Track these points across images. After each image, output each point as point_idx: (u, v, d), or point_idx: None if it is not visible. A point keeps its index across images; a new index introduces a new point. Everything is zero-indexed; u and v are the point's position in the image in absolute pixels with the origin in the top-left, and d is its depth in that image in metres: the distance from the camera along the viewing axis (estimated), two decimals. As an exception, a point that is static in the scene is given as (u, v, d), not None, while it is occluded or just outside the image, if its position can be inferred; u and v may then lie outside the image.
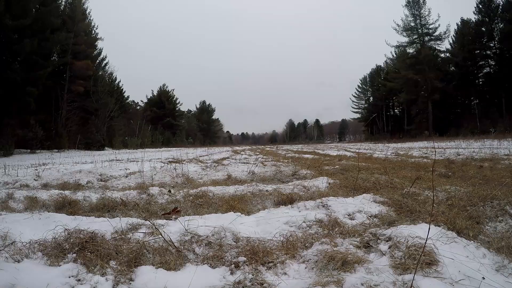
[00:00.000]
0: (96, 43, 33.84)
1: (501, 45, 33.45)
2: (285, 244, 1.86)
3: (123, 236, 1.98)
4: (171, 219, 2.43)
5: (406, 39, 41.64)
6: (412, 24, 40.67)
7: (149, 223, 2.21)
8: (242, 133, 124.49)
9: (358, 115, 62.54)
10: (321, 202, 2.69)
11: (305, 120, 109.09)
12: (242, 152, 16.90)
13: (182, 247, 1.80)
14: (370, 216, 2.41)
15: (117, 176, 5.79)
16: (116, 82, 40.96)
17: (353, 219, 2.38)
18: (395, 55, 45.69)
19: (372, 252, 1.75)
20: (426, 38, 40.05)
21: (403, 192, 3.04)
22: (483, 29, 35.23)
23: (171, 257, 1.66)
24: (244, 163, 8.40)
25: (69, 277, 1.45)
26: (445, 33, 39.66)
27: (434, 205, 2.56)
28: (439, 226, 2.00)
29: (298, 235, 1.99)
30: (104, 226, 2.16)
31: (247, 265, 1.62)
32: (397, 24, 41.66)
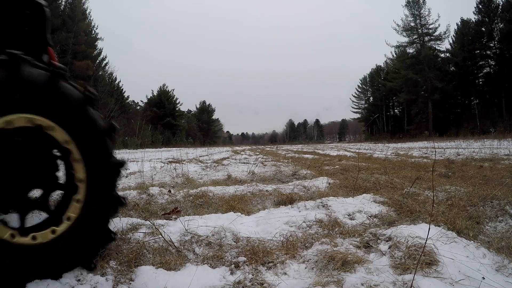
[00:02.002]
0: (96, 43, 33.92)
1: (501, 45, 33.48)
2: (285, 244, 1.86)
3: (123, 236, 1.98)
4: (171, 219, 2.43)
5: (406, 39, 41.73)
6: (412, 24, 40.74)
7: (149, 223, 2.21)
8: (242, 133, 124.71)
9: (358, 115, 62.65)
10: (321, 202, 2.69)
11: (305, 120, 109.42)
12: (242, 152, 16.90)
13: (182, 247, 1.80)
14: (370, 216, 2.41)
15: (117, 176, 5.77)
16: (116, 82, 41.02)
17: (353, 219, 2.38)
18: (395, 55, 45.74)
19: (372, 252, 1.75)
20: (426, 38, 40.09)
21: (403, 192, 3.04)
22: (483, 29, 35.27)
23: (171, 257, 1.66)
24: (244, 163, 8.40)
25: (69, 277, 1.45)
26: (445, 33, 39.74)
27: (434, 205, 2.56)
28: (439, 226, 2.00)
29: (298, 235, 1.99)
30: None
31: (247, 265, 1.62)
32: (397, 24, 41.74)
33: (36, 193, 1.62)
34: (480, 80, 37.54)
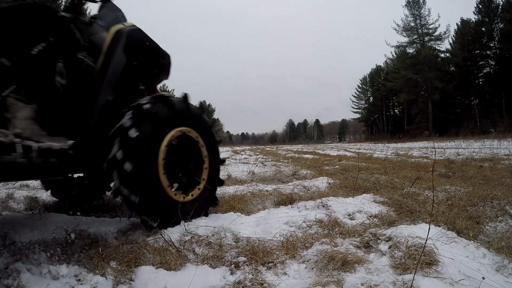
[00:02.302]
0: (96, 43, 33.84)
1: (501, 45, 33.47)
2: (285, 244, 1.86)
3: (123, 236, 1.98)
4: (171, 219, 2.43)
5: (406, 39, 41.72)
6: (412, 24, 40.73)
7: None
8: (242, 133, 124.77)
9: (358, 115, 62.66)
10: (321, 202, 2.69)
11: (305, 120, 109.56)
12: (242, 152, 16.89)
13: (182, 247, 1.79)
14: (370, 216, 2.41)
15: (117, 176, 5.76)
16: (116, 82, 40.88)
17: (353, 219, 2.38)
18: (395, 55, 45.72)
19: (372, 252, 1.75)
20: (426, 38, 40.07)
21: (403, 192, 3.04)
22: (483, 29, 35.26)
23: (171, 257, 1.66)
24: (244, 163, 8.40)
25: (69, 277, 1.45)
26: (445, 33, 39.74)
27: (434, 205, 2.56)
28: (439, 226, 2.00)
29: (298, 235, 1.99)
30: (104, 226, 2.16)
31: (247, 265, 1.62)
32: (397, 24, 41.77)
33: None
34: (480, 80, 37.53)
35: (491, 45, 35.23)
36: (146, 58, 2.36)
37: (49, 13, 1.91)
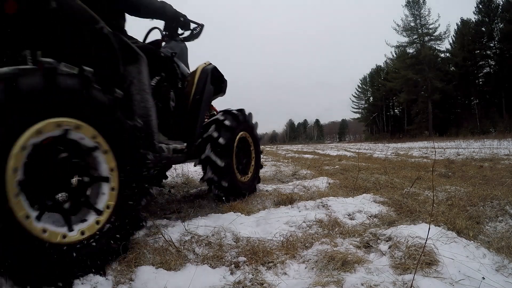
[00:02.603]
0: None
1: (501, 45, 33.48)
2: (285, 244, 1.86)
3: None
4: (171, 219, 2.43)
5: (406, 39, 41.69)
6: (412, 24, 40.71)
7: (150, 223, 2.21)
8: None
9: (358, 115, 62.67)
10: (321, 202, 2.69)
11: (305, 120, 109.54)
12: (242, 152, 16.85)
13: (182, 247, 1.80)
14: (370, 216, 2.41)
15: (117, 176, 5.75)
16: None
17: (353, 219, 2.38)
18: (395, 55, 45.72)
19: (372, 252, 1.75)
20: (426, 38, 40.05)
21: (403, 192, 3.04)
22: (483, 29, 35.28)
23: (171, 257, 1.66)
24: (244, 163, 8.39)
25: (69, 277, 1.45)
26: (445, 33, 39.73)
27: (434, 205, 2.56)
28: (439, 226, 2.00)
29: (298, 235, 1.99)
30: (104, 226, 2.16)
31: (247, 265, 1.62)
32: (397, 24, 41.74)
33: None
34: (480, 80, 37.53)
35: (491, 45, 35.23)
36: (217, 85, 3.11)
37: (156, 52, 2.49)
